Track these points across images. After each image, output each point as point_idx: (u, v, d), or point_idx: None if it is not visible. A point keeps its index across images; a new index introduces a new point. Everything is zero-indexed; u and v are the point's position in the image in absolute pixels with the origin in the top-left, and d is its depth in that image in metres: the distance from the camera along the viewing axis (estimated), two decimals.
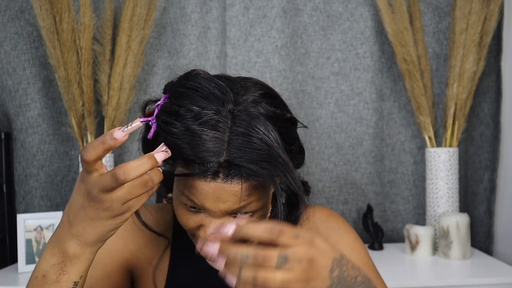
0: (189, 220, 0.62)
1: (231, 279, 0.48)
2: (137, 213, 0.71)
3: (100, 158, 0.49)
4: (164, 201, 1.51)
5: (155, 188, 0.52)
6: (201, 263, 0.76)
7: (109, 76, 1.56)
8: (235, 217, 0.61)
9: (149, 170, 0.50)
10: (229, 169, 0.56)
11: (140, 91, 1.71)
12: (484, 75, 1.70)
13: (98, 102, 1.59)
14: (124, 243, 0.75)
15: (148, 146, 0.64)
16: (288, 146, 0.62)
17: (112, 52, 1.58)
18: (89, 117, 1.55)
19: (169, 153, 0.54)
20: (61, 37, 1.50)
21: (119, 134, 0.49)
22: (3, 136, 1.61)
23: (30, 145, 1.65)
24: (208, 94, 0.57)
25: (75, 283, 0.54)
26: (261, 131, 0.56)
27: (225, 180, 0.56)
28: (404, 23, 1.62)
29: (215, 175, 0.56)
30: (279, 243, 0.47)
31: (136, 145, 1.72)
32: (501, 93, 1.69)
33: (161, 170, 0.53)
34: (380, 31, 1.76)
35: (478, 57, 1.61)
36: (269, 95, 0.62)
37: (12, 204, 1.65)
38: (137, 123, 0.52)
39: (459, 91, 1.62)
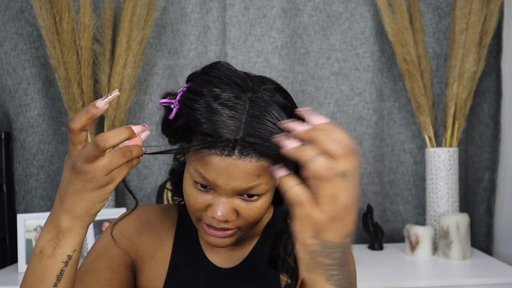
0: (198, 199, 0.65)
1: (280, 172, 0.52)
2: (124, 181, 0.72)
3: (84, 127, 0.54)
4: (165, 202, 1.51)
5: (135, 161, 0.57)
6: (202, 263, 0.77)
7: (109, 76, 1.56)
8: (243, 199, 0.64)
9: (127, 139, 0.55)
10: (244, 146, 0.60)
11: (140, 91, 1.71)
12: (484, 75, 1.70)
13: None
14: (127, 239, 0.78)
15: (168, 127, 0.67)
16: None
17: (112, 52, 1.58)
18: None
19: (146, 128, 0.58)
20: (61, 37, 1.50)
21: (101, 103, 0.54)
22: (3, 136, 1.62)
23: (30, 145, 1.65)
24: (230, 81, 0.62)
25: (69, 257, 0.58)
26: (275, 116, 0.61)
27: (239, 157, 0.60)
28: (404, 23, 1.62)
29: (230, 151, 0.60)
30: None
31: None
32: (501, 93, 1.69)
33: (143, 149, 0.57)
34: (380, 31, 1.76)
35: (478, 57, 1.61)
36: (282, 90, 0.69)
37: (12, 204, 1.65)
38: (116, 93, 0.57)
39: (459, 91, 1.62)
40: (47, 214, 1.47)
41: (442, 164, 1.62)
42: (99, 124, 1.61)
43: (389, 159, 1.81)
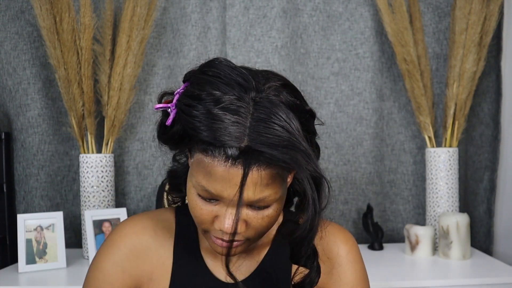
0: (203, 211, 0.60)
1: None
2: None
3: None
4: (166, 205, 1.51)
5: None
6: (204, 269, 0.73)
7: (109, 76, 1.56)
8: (252, 209, 0.60)
9: None
10: (250, 155, 0.54)
11: (140, 91, 1.71)
12: (484, 75, 1.70)
13: (98, 102, 1.59)
14: (122, 271, 0.72)
15: (165, 133, 0.63)
16: (308, 135, 0.62)
17: (112, 52, 1.58)
18: (89, 117, 1.55)
19: None
20: (61, 37, 1.51)
21: None
22: (3, 136, 1.62)
23: (30, 145, 1.65)
24: (231, 80, 0.57)
25: None
26: (283, 118, 0.55)
27: (245, 167, 0.55)
28: (404, 23, 1.62)
29: (235, 160, 0.55)
30: None
31: (137, 146, 1.72)
32: (501, 93, 1.69)
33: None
34: (380, 31, 1.76)
35: (478, 57, 1.61)
36: (289, 86, 0.62)
37: (12, 204, 1.65)
38: None
39: (459, 91, 1.62)
40: (47, 214, 1.47)
41: (442, 164, 1.62)
42: (99, 124, 1.62)
43: (389, 159, 1.81)
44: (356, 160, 1.78)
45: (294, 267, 0.72)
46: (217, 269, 0.72)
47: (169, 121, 0.60)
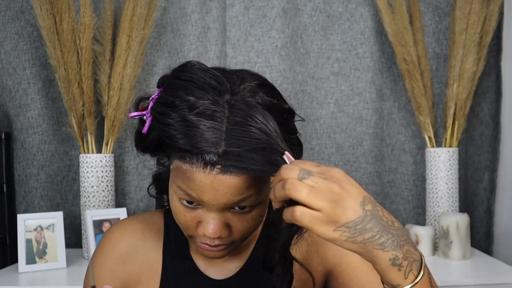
0: (187, 217, 0.60)
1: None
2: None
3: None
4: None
5: None
6: (195, 276, 0.73)
7: (109, 76, 1.56)
8: (234, 212, 0.60)
9: None
10: (228, 160, 0.54)
11: (140, 91, 1.71)
12: (484, 75, 1.70)
13: (98, 102, 1.59)
14: (111, 274, 0.72)
15: (142, 140, 0.63)
16: (287, 135, 0.61)
17: (112, 52, 1.58)
18: (89, 117, 1.55)
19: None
20: (61, 37, 1.51)
21: None
22: (3, 136, 1.62)
23: (30, 145, 1.65)
24: (204, 84, 0.56)
25: None
26: (259, 120, 0.55)
27: (224, 171, 0.55)
28: (404, 23, 1.62)
29: (213, 166, 0.55)
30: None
31: None
32: (501, 93, 1.69)
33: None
34: (380, 31, 1.76)
35: (478, 57, 1.61)
36: (265, 85, 0.61)
37: (12, 204, 1.65)
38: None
39: (459, 91, 1.62)
40: (47, 214, 1.47)
41: (442, 164, 1.62)
42: (99, 124, 1.62)
43: (389, 159, 1.81)
44: (356, 160, 1.78)
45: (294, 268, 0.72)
46: (207, 268, 0.73)
47: (145, 129, 0.60)
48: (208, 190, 0.56)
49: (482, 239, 1.73)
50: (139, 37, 1.55)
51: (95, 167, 1.53)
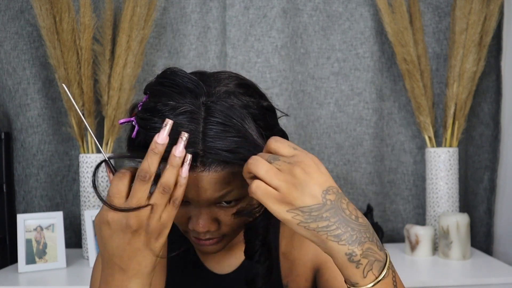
0: (178, 213, 0.62)
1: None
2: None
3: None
4: None
5: (177, 197, 0.55)
6: (199, 270, 0.75)
7: (109, 76, 1.56)
8: (220, 206, 0.62)
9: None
10: (206, 157, 0.57)
11: (140, 91, 1.71)
12: (484, 75, 1.70)
13: (98, 102, 1.59)
14: None
15: (132, 145, 0.65)
16: (265, 132, 0.63)
17: (112, 52, 1.58)
18: (89, 117, 1.55)
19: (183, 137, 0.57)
20: (61, 37, 1.50)
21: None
22: (3, 136, 1.62)
23: (30, 145, 1.65)
24: (182, 88, 0.59)
25: None
26: (235, 119, 0.57)
27: (203, 169, 0.57)
28: (404, 23, 1.62)
29: (193, 165, 0.57)
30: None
31: None
32: (501, 93, 1.69)
33: (182, 172, 0.55)
34: (380, 31, 1.76)
35: (478, 57, 1.61)
36: (242, 85, 0.63)
37: (12, 204, 1.65)
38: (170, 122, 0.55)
39: (459, 91, 1.62)
40: (47, 214, 1.47)
41: (442, 164, 1.62)
42: (99, 124, 1.61)
43: (389, 159, 1.81)
44: (356, 160, 1.78)
45: (281, 259, 0.76)
46: (210, 261, 0.76)
47: (134, 134, 0.62)
48: (191, 187, 0.58)
49: (482, 239, 1.73)
50: (139, 37, 1.55)
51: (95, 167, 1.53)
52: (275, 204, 0.51)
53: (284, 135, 0.69)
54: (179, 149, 0.54)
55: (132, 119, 0.62)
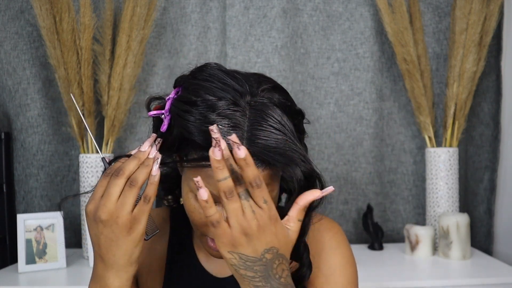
0: (202, 214, 0.62)
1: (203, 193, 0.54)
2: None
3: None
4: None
5: (150, 195, 0.57)
6: (198, 273, 0.74)
7: (109, 76, 1.56)
8: None
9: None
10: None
11: (140, 91, 1.71)
12: (484, 75, 1.70)
13: (98, 102, 1.59)
14: None
15: (167, 140, 0.64)
16: (300, 135, 0.64)
17: (112, 52, 1.58)
18: (89, 117, 1.55)
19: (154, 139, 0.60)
20: (61, 37, 1.50)
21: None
22: (3, 136, 1.61)
23: (30, 145, 1.65)
24: (225, 85, 0.58)
25: None
26: (278, 120, 0.57)
27: None
28: (404, 23, 1.62)
29: None
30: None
31: (136, 146, 1.72)
32: (501, 93, 1.69)
33: (153, 171, 0.58)
34: (380, 31, 1.76)
35: (478, 57, 1.61)
36: (279, 88, 0.64)
37: (12, 204, 1.65)
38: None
39: (459, 91, 1.62)
40: (47, 214, 1.47)
41: (442, 164, 1.62)
42: (99, 124, 1.62)
43: (389, 159, 1.81)
44: (356, 160, 1.78)
45: None
46: (209, 264, 0.75)
47: (163, 128, 0.61)
48: None
49: (482, 239, 1.73)
50: (139, 37, 1.55)
51: (95, 167, 1.53)
52: (223, 243, 0.55)
53: (305, 146, 0.70)
54: (152, 152, 0.57)
55: (162, 111, 0.62)
